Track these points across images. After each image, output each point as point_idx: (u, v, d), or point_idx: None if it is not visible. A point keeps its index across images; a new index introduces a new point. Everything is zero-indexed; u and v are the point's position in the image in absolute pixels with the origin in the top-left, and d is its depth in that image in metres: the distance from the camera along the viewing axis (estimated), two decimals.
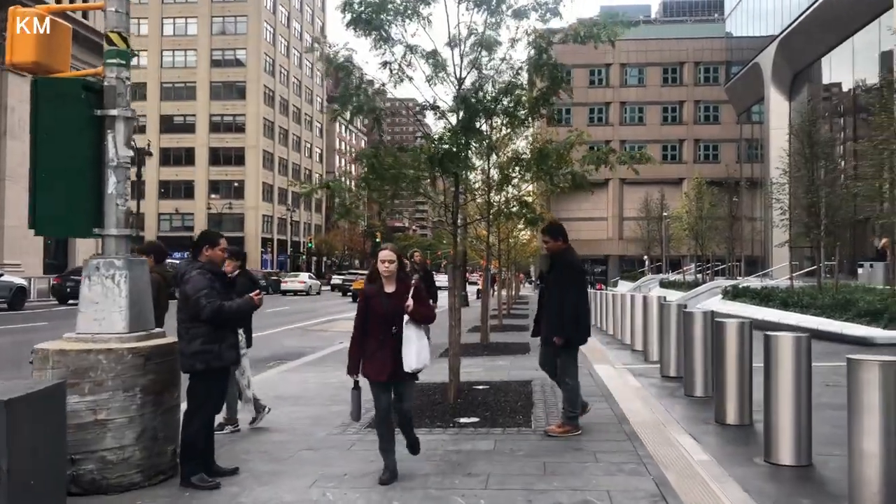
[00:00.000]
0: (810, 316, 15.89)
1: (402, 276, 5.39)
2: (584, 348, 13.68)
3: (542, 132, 10.09)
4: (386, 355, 5.21)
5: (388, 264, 5.26)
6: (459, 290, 8.75)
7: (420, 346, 5.23)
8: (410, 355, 5.17)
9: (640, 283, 44.34)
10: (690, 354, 8.38)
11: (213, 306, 5.09)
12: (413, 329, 5.22)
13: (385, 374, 5.23)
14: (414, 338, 5.21)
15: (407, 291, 5.26)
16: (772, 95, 46.33)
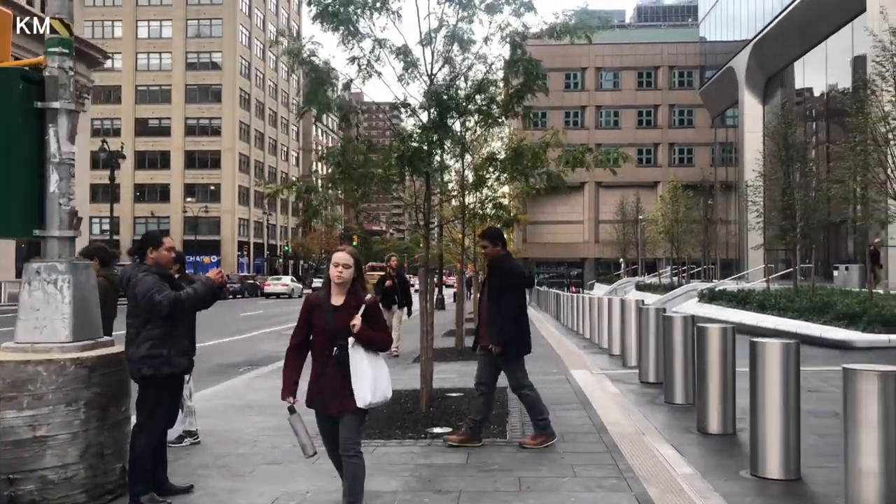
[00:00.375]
0: (788, 319, 15.77)
1: (357, 287, 4.40)
2: (562, 353, 13.46)
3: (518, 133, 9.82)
4: (329, 383, 4.31)
5: (341, 269, 4.32)
6: (432, 293, 8.43)
7: (377, 377, 4.30)
8: (363, 388, 4.23)
9: (617, 285, 44.31)
10: (670, 360, 8.12)
11: (168, 298, 4.72)
12: (364, 355, 4.28)
13: (332, 406, 4.33)
14: (366, 366, 4.27)
15: (357, 307, 4.30)
16: (746, 99, 46.57)
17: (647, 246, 44.25)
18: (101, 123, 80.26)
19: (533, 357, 13.07)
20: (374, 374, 4.30)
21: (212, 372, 12.38)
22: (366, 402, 4.25)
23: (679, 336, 8.05)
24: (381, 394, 4.35)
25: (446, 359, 12.49)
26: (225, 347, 16.82)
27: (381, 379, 4.35)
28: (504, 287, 6.33)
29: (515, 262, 6.77)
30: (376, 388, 4.30)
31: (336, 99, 7.76)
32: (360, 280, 4.46)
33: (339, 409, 4.31)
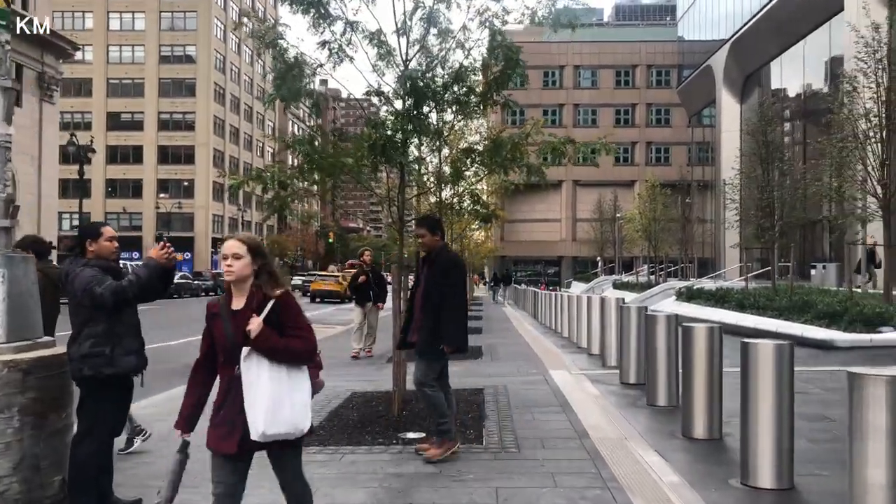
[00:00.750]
0: (768, 318, 15.58)
1: (262, 283, 3.34)
2: (540, 352, 13.14)
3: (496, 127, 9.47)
4: (233, 412, 3.27)
5: (231, 262, 3.31)
6: (406, 292, 8.05)
7: (279, 399, 3.21)
8: (257, 413, 3.18)
9: (594, 284, 44.19)
10: (653, 361, 7.81)
11: (110, 288, 4.29)
12: (265, 369, 3.22)
13: (231, 443, 3.27)
14: (265, 383, 3.21)
15: (260, 307, 3.28)
16: (723, 98, 46.63)
17: (625, 245, 44.15)
18: (72, 117, 78.65)
19: (510, 356, 12.78)
20: (277, 395, 3.21)
21: (175, 372, 11.87)
22: (258, 433, 3.17)
23: (662, 336, 7.74)
24: (285, 423, 3.23)
25: None
26: (192, 346, 16.19)
27: (286, 404, 3.24)
28: (449, 281, 5.80)
29: (455, 254, 6.30)
30: (276, 415, 3.19)
31: (306, 86, 7.37)
32: (268, 275, 3.39)
33: (242, 446, 3.28)
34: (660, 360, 7.74)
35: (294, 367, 3.33)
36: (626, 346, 9.29)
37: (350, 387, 9.27)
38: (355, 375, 10.40)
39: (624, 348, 9.32)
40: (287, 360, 3.29)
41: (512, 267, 72.41)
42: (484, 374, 10.17)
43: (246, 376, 3.23)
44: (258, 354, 3.23)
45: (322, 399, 8.40)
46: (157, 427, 7.02)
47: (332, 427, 6.89)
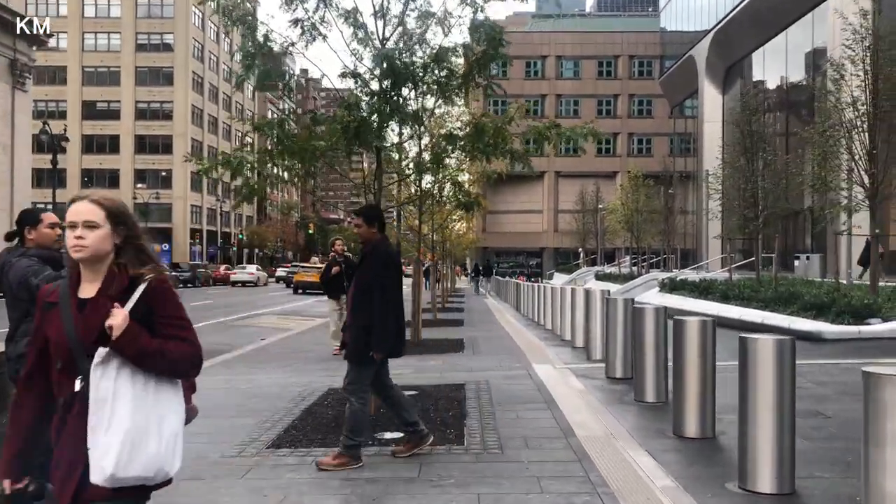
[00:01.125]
0: (753, 309, 15.36)
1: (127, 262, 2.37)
2: (523, 345, 12.82)
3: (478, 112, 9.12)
4: (72, 446, 2.26)
5: (82, 232, 2.31)
6: None
7: (140, 426, 2.24)
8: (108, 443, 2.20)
9: (576, 275, 44.04)
10: (641, 355, 7.49)
11: (48, 278, 3.88)
12: (127, 383, 2.26)
13: (67, 493, 2.25)
14: (124, 404, 2.24)
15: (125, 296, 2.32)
16: (705, 88, 46.53)
17: (607, 236, 43.99)
18: (46, 106, 77.35)
19: (493, 349, 12.45)
20: (141, 421, 2.25)
21: None
22: (105, 475, 2.18)
23: (651, 329, 7.42)
24: (148, 463, 2.25)
25: None
26: None
27: (152, 435, 2.27)
28: (383, 277, 5.28)
29: (393, 248, 5.71)
30: (136, 450, 2.22)
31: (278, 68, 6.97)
32: (135, 250, 2.40)
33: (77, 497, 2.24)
34: (648, 354, 7.43)
35: (166, 381, 2.35)
36: (612, 340, 8.98)
37: (326, 383, 8.90)
38: (334, 370, 10.00)
39: (610, 342, 9.01)
40: (160, 371, 2.31)
41: (494, 258, 72.24)
42: (465, 369, 9.84)
43: (95, 392, 2.22)
44: (118, 362, 2.24)
45: (296, 395, 8.05)
46: None
47: (306, 427, 6.53)
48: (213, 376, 9.69)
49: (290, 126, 6.69)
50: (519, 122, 7.61)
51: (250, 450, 5.76)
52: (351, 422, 5.24)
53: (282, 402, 7.68)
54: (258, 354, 12.44)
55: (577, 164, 72.88)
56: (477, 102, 14.80)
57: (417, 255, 13.20)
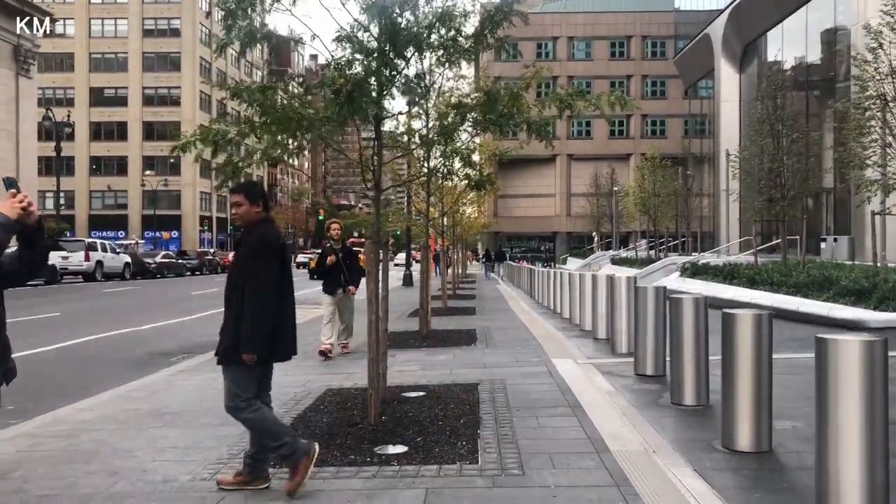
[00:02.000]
0: (785, 296, 14.41)
1: None
2: (540, 337, 11.94)
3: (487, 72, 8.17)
4: None
5: None
6: (385, 273, 6.82)
7: None
8: None
9: (590, 259, 43.06)
10: (678, 351, 6.60)
11: None
12: None
13: None
14: None
15: None
16: (722, 67, 45.23)
17: (623, 219, 42.92)
18: (54, 93, 76.83)
19: (507, 341, 11.57)
20: None
21: (139, 363, 10.71)
22: None
23: (689, 322, 6.53)
24: None
25: (408, 345, 10.92)
26: (165, 331, 15.08)
27: None
28: (256, 265, 4.33)
29: (274, 232, 4.60)
30: None
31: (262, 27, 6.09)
32: None
33: None
34: (686, 350, 6.54)
35: None
36: (641, 333, 8.08)
37: (325, 382, 8.07)
38: (334, 368, 9.20)
39: (640, 335, 8.11)
40: None
41: (506, 243, 71.36)
42: (478, 365, 8.98)
43: None
44: None
45: (291, 398, 7.21)
46: (95, 436, 5.85)
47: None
48: (205, 373, 8.90)
49: (280, 96, 5.81)
50: (536, 88, 6.70)
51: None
52: (262, 434, 4.39)
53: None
54: None
55: (590, 146, 71.93)
56: (488, 71, 13.96)
57: (426, 241, 12.33)
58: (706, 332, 6.50)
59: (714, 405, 6.36)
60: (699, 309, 6.55)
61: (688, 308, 6.56)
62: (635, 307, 8.21)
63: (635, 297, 8.25)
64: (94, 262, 33.59)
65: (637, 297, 8.13)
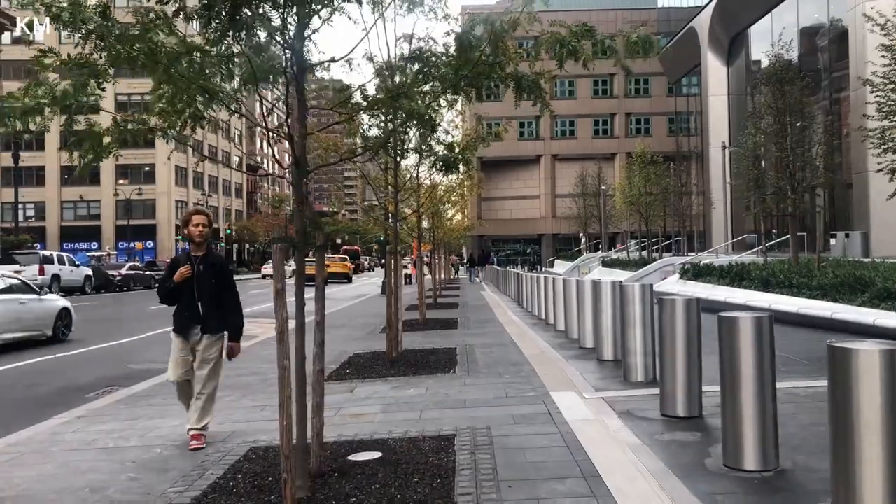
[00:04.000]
0: (810, 300, 12.55)
1: None
2: (533, 358, 9.94)
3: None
4: None
5: None
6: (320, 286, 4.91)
7: None
8: None
9: (579, 262, 41.20)
10: (733, 391, 4.68)
11: None
12: None
13: None
14: None
15: None
16: (709, 61, 43.67)
17: (612, 219, 41.07)
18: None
19: (494, 364, 9.51)
20: None
21: (42, 402, 8.73)
22: None
23: (749, 351, 4.60)
24: None
25: (373, 373, 8.94)
26: (97, 357, 13.05)
27: None
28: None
29: None
30: None
31: None
32: None
33: None
34: (744, 391, 4.62)
35: None
36: (669, 359, 6.14)
37: (256, 431, 6.12)
38: (273, 406, 7.21)
39: (667, 363, 6.17)
40: None
41: (491, 246, 69.46)
42: (457, 403, 7.02)
43: None
44: None
45: (199, 463, 5.24)
46: None
47: None
48: (100, 423, 6.93)
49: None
50: (528, 28, 4.80)
51: None
52: None
53: (164, 485, 4.86)
54: None
55: (574, 146, 70.14)
56: None
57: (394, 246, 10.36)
58: (772, 364, 4.59)
59: (790, 470, 4.46)
60: (763, 334, 4.62)
61: (746, 333, 4.63)
62: (660, 325, 6.27)
63: (659, 312, 6.31)
64: (49, 277, 31.33)
65: (664, 313, 6.19)
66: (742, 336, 4.63)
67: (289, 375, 3.88)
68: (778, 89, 16.97)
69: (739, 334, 4.64)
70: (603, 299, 9.19)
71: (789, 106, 16.71)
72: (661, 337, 6.25)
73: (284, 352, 3.84)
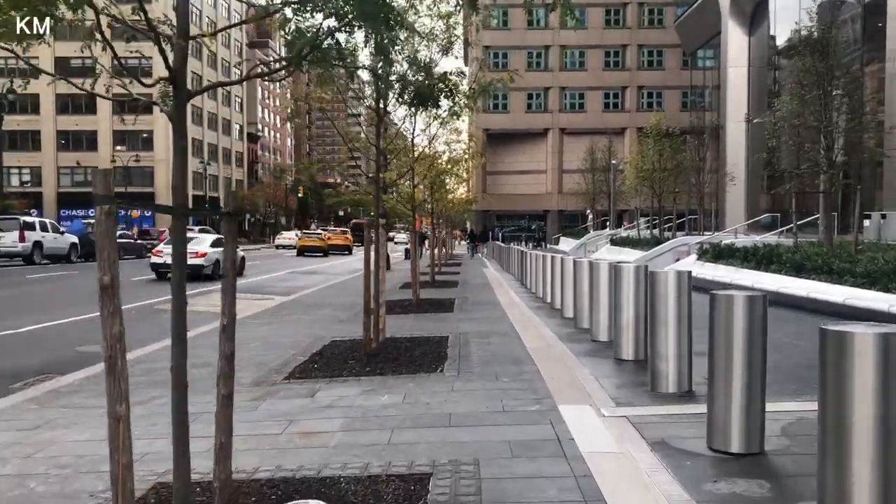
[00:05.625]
0: (864, 290, 10.91)
1: None
2: (537, 352, 8.26)
3: None
4: None
5: None
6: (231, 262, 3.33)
7: None
8: None
9: (586, 240, 39.54)
10: (840, 434, 3.12)
11: None
12: None
13: None
14: None
15: None
16: (730, 30, 41.67)
17: (623, 196, 39.30)
18: (17, 63, 72.07)
19: (490, 361, 7.19)
20: None
21: None
22: None
23: (869, 374, 3.04)
24: None
25: (344, 370, 7.38)
26: (42, 336, 11.58)
27: None
28: None
29: None
30: None
31: None
32: None
33: None
34: (857, 433, 3.06)
35: None
36: (724, 376, 4.56)
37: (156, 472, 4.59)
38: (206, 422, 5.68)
39: (719, 379, 4.59)
40: None
41: (496, 221, 67.81)
42: (438, 420, 5.46)
43: None
44: None
45: None
46: None
47: None
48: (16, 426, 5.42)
49: None
50: None
51: None
52: None
53: None
54: (138, 367, 8.05)
55: (583, 119, 68.11)
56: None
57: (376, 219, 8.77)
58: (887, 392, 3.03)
59: None
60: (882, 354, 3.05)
61: (865, 349, 3.05)
62: (711, 327, 4.67)
63: (711, 310, 4.69)
64: (30, 244, 29.83)
65: (715, 309, 4.60)
66: (858, 361, 3.06)
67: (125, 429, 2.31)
68: (819, 51, 15.21)
69: (854, 357, 3.07)
70: (624, 287, 7.59)
71: (830, 70, 14.97)
72: (711, 343, 4.67)
73: (117, 391, 2.26)
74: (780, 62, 38.86)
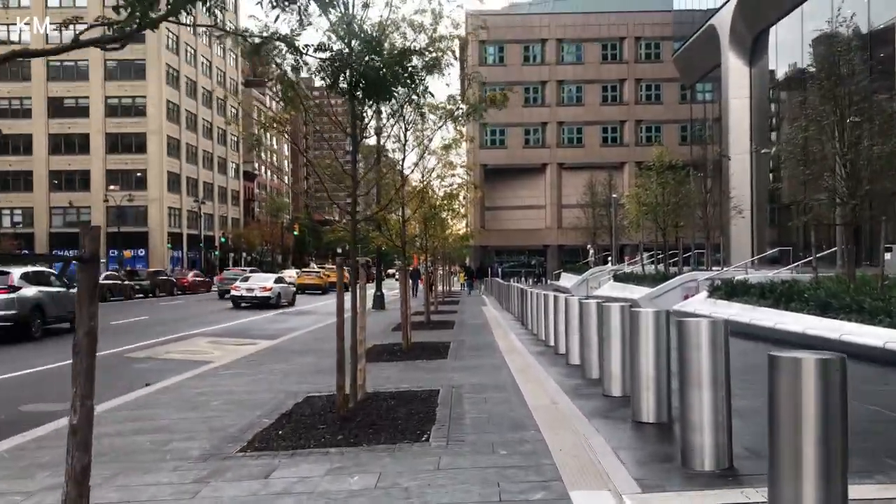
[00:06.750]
0: None
1: None
2: (541, 413, 6.62)
3: None
4: None
5: None
6: None
7: None
8: None
9: (588, 275, 38.38)
10: None
11: None
12: None
13: None
14: None
15: None
16: (730, 61, 41.01)
17: (625, 230, 38.25)
18: (9, 104, 72.10)
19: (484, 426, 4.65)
20: None
21: None
22: None
23: None
24: None
25: (311, 439, 6.19)
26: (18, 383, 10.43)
27: None
28: None
29: None
30: None
31: None
32: None
33: None
34: None
35: None
36: (791, 463, 3.41)
37: None
38: None
39: (784, 466, 3.44)
40: None
41: (494, 257, 66.75)
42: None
43: None
44: None
45: None
46: None
47: None
48: None
49: None
50: None
51: None
52: None
53: None
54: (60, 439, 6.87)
55: (581, 154, 67.42)
56: None
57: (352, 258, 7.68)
58: None
59: None
60: None
61: None
62: (770, 398, 3.53)
63: (770, 377, 3.56)
64: None
65: (774, 375, 3.46)
66: None
67: None
68: (836, 74, 14.26)
69: None
70: (642, 335, 6.44)
71: (849, 95, 13.99)
72: (771, 418, 3.52)
73: None
74: (780, 94, 38.17)
